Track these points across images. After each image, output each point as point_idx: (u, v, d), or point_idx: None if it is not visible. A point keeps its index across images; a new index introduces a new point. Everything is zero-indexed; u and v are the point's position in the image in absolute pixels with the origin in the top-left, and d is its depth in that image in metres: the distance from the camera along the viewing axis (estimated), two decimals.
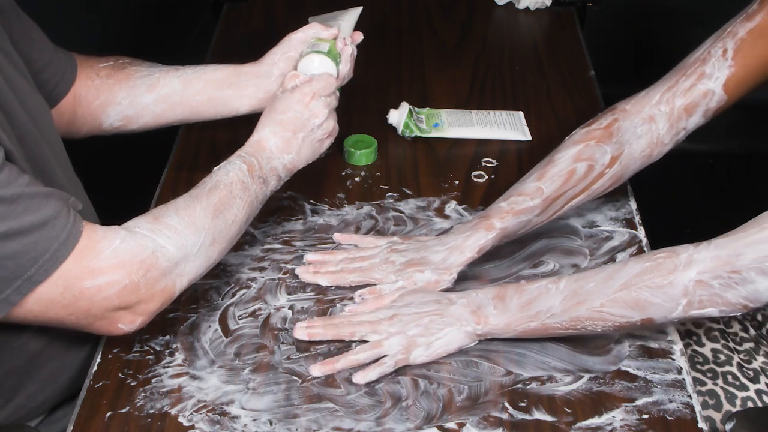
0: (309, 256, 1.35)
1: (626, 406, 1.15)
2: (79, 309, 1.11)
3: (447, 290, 1.29)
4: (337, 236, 1.39)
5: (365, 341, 1.21)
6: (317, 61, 1.37)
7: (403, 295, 1.26)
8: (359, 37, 1.46)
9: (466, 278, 1.32)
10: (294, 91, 1.32)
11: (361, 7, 1.49)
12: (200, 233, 1.17)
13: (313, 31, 1.42)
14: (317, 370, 1.18)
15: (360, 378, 1.17)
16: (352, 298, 1.29)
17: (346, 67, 1.40)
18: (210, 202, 1.19)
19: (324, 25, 1.42)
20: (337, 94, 1.37)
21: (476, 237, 1.30)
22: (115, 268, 1.10)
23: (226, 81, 1.45)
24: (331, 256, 1.34)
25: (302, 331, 1.22)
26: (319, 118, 1.31)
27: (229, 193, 1.21)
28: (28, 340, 1.21)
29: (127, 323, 1.14)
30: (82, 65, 1.43)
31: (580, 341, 1.23)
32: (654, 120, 1.34)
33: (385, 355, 1.19)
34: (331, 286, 1.31)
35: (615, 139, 1.34)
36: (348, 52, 1.41)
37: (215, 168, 1.25)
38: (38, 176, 1.20)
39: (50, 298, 1.09)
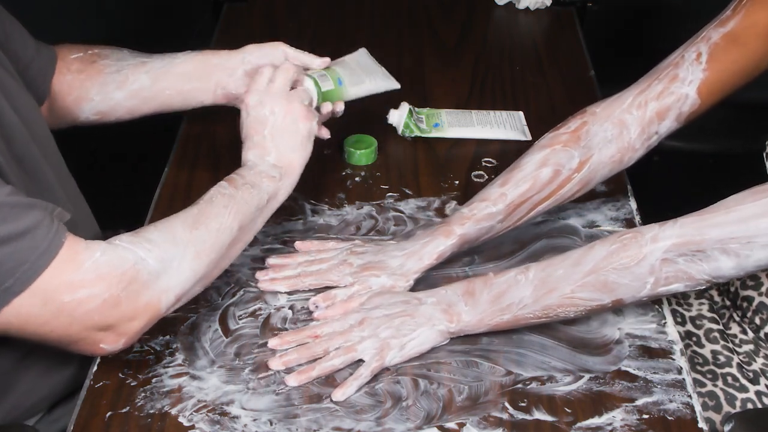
0: (270, 260, 1.34)
1: (626, 406, 1.15)
2: (60, 325, 1.08)
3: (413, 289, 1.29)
4: (298, 244, 1.37)
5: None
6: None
7: (370, 298, 1.25)
8: (339, 107, 1.44)
9: (466, 278, 1.32)
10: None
11: (397, 86, 1.52)
12: (179, 246, 1.14)
13: (306, 57, 1.42)
14: (293, 380, 1.16)
15: (339, 395, 1.15)
16: None
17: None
18: (188, 215, 1.18)
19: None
20: (288, 71, 1.34)
21: (435, 243, 1.30)
22: (96, 281, 1.08)
23: (195, 74, 1.44)
24: (291, 260, 1.33)
25: (277, 361, 1.19)
26: (254, 97, 1.30)
27: (209, 206, 1.20)
28: (18, 339, 1.20)
29: (110, 343, 1.12)
30: (58, 58, 1.43)
31: (580, 341, 1.23)
32: (625, 124, 1.33)
33: (360, 360, 1.18)
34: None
35: (583, 143, 1.33)
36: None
37: None
38: (26, 175, 1.20)
39: (29, 311, 1.06)
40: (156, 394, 1.16)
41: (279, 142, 1.30)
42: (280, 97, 1.32)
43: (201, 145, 1.58)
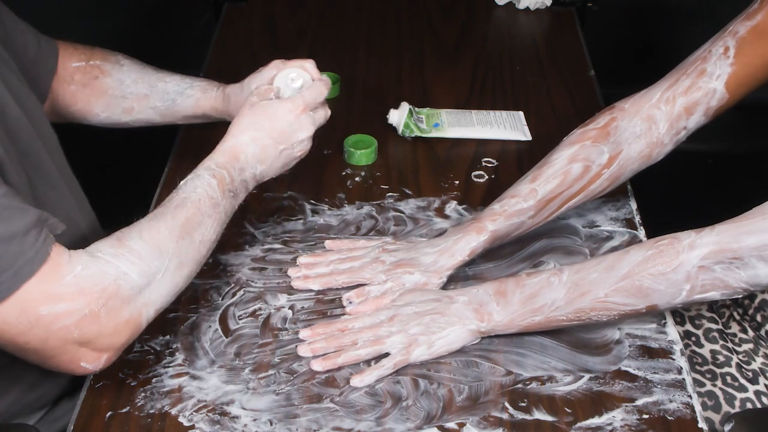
0: (301, 259, 1.34)
1: (626, 406, 1.15)
2: (36, 337, 1.05)
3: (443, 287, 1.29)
4: (328, 243, 1.37)
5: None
6: (292, 73, 1.34)
7: (402, 295, 1.25)
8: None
9: (466, 278, 1.32)
10: (284, 100, 1.29)
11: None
12: (165, 257, 1.11)
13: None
14: (318, 365, 1.18)
15: (358, 381, 1.16)
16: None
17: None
18: (176, 223, 1.14)
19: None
20: (328, 112, 1.33)
21: (467, 240, 1.30)
22: (75, 295, 1.05)
23: (197, 117, 1.50)
24: (323, 258, 1.34)
25: (305, 349, 1.21)
26: (305, 133, 1.28)
27: (197, 211, 1.17)
28: None
29: (91, 361, 1.09)
30: (59, 59, 1.43)
31: (580, 341, 1.23)
32: (653, 120, 1.33)
33: (386, 354, 1.19)
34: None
35: (612, 139, 1.33)
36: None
37: (182, 182, 1.20)
38: (32, 171, 1.20)
39: (5, 319, 1.03)
40: (156, 394, 1.16)
41: (277, 163, 1.28)
42: (314, 129, 1.30)
43: (201, 145, 1.58)
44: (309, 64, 1.37)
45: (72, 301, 1.05)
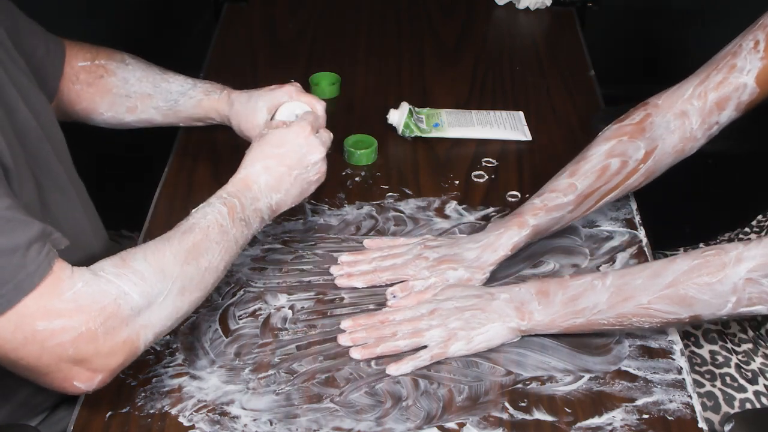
0: (343, 257, 1.34)
1: (626, 406, 1.15)
2: (30, 354, 1.03)
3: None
4: (367, 242, 1.37)
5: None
6: (297, 107, 1.38)
7: (444, 289, 1.26)
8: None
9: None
10: (290, 126, 1.30)
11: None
12: (168, 280, 1.10)
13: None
14: (357, 353, 1.19)
15: (394, 370, 1.17)
16: (352, 299, 1.29)
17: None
18: (182, 247, 1.13)
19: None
20: (331, 135, 1.35)
21: (509, 234, 1.30)
22: (74, 312, 1.03)
23: (198, 119, 1.51)
24: (363, 256, 1.34)
25: (346, 338, 1.22)
26: (316, 155, 1.29)
27: (204, 237, 1.15)
28: None
29: (84, 381, 1.06)
30: (66, 59, 1.44)
31: (581, 341, 1.23)
32: (686, 115, 1.34)
33: (424, 346, 1.20)
34: (340, 288, 1.31)
35: (648, 135, 1.34)
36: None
37: (194, 210, 1.20)
38: (40, 172, 1.20)
39: (0, 334, 1.02)
40: (156, 394, 1.16)
41: (293, 190, 1.29)
42: (325, 150, 1.32)
43: (201, 145, 1.58)
44: (320, 105, 1.40)
45: (70, 317, 1.03)
